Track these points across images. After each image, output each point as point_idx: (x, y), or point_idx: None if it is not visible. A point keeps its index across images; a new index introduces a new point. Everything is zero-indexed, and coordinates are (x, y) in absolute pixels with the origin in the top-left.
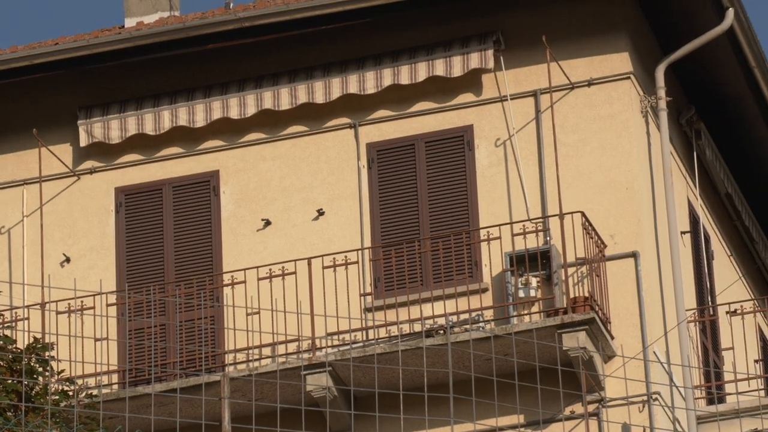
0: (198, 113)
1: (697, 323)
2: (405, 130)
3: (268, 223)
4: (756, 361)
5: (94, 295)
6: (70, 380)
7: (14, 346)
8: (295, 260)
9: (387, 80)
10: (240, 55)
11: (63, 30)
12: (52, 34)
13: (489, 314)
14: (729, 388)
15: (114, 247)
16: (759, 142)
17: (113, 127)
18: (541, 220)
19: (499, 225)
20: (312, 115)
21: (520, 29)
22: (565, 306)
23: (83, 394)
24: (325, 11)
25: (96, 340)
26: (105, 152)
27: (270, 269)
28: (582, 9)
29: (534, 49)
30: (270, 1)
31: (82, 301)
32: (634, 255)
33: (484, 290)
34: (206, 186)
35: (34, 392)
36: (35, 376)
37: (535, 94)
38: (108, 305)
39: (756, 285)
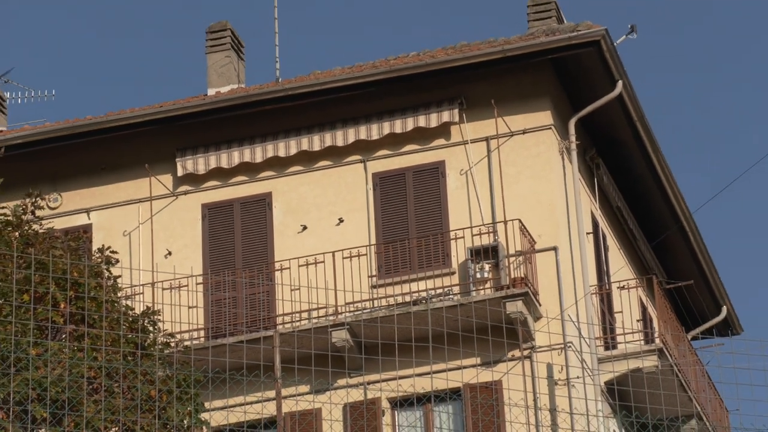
0: (257, 152)
1: (598, 295)
2: (398, 164)
3: (305, 228)
4: (638, 321)
5: (188, 277)
6: (171, 335)
7: (133, 311)
8: (323, 253)
9: (386, 130)
10: (286, 112)
11: (165, 96)
12: (157, 99)
13: (456, 290)
14: (619, 338)
15: (201, 245)
16: (638, 171)
17: (200, 163)
18: (491, 225)
19: (463, 228)
20: (335, 154)
21: (477, 95)
22: (507, 284)
23: (180, 345)
24: (343, 83)
25: (189, 307)
26: (194, 180)
27: (307, 259)
28: (518, 81)
29: (486, 109)
30: (306, 77)
31: (179, 281)
32: (554, 249)
33: (453, 273)
34: (263, 203)
35: (146, 343)
36: (147, 332)
37: (487, 140)
38: (197, 284)
39: (637, 268)
